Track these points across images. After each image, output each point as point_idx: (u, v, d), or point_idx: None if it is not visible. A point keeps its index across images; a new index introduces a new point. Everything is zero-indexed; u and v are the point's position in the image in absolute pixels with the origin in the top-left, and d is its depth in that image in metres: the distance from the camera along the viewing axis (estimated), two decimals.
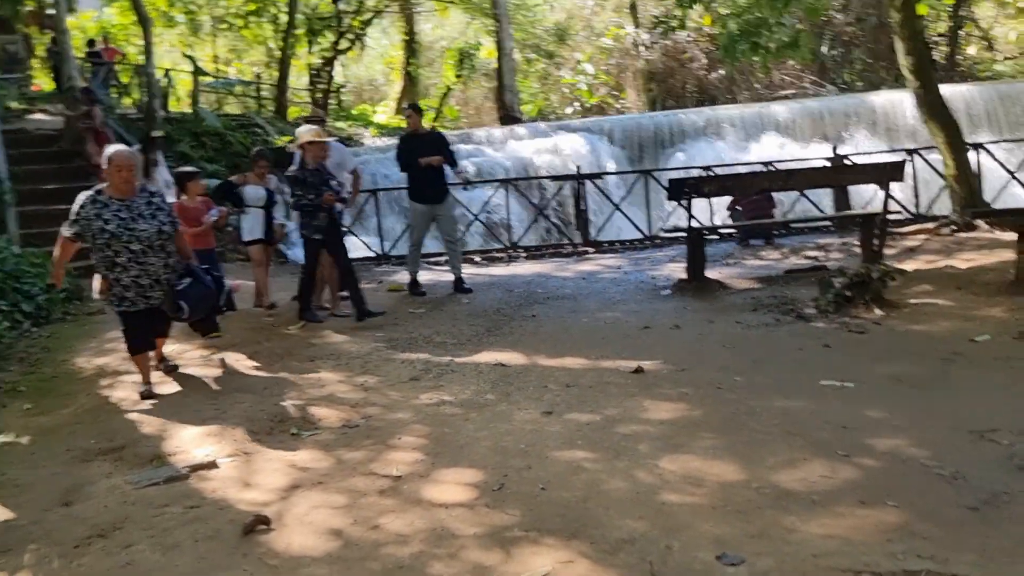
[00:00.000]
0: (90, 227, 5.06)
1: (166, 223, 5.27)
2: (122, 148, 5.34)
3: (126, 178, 5.14)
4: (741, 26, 10.62)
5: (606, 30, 25.67)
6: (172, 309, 5.34)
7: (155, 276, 5.24)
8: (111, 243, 5.07)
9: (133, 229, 5.10)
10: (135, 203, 5.18)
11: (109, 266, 5.15)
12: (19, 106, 15.90)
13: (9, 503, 3.81)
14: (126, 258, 5.12)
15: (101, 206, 5.10)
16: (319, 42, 24.31)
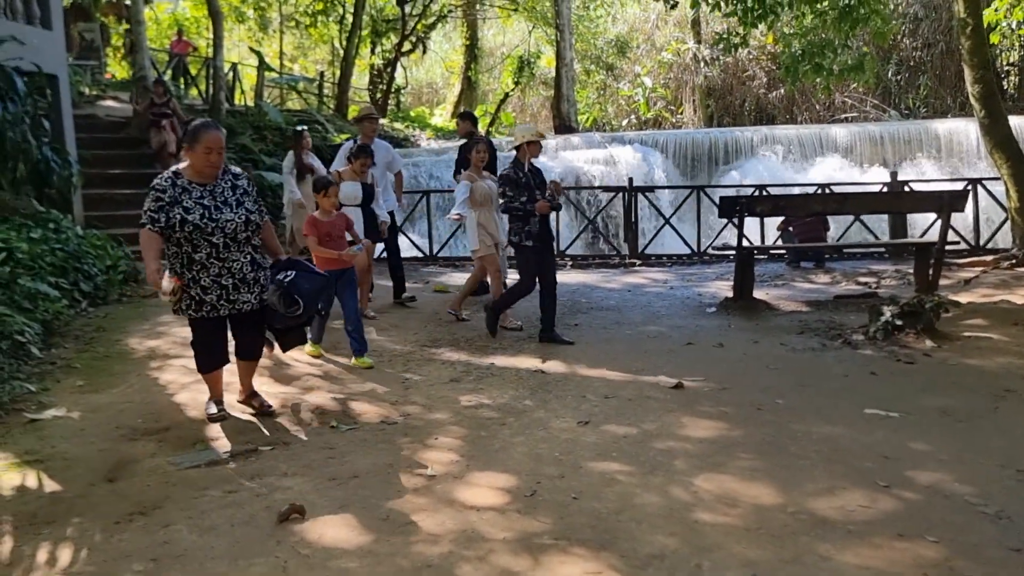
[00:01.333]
0: (168, 216, 4.24)
1: (254, 211, 4.46)
2: (211, 123, 4.47)
3: (215, 162, 4.34)
4: (804, 47, 10.50)
5: (667, 45, 25.55)
6: (285, 304, 4.48)
7: (240, 275, 4.41)
8: (191, 235, 4.25)
9: (217, 219, 4.29)
10: (218, 188, 4.38)
11: (185, 263, 4.32)
12: (92, 92, 16.41)
13: (57, 476, 3.93)
14: (205, 253, 4.30)
15: (181, 191, 4.30)
16: (383, 43, 24.67)
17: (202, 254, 4.31)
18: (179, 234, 4.26)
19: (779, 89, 22.55)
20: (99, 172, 11.53)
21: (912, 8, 21.60)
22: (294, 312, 4.49)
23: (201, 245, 4.30)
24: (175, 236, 4.27)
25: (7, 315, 5.81)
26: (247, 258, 4.46)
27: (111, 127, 13.89)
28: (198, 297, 4.36)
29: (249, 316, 4.53)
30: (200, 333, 4.53)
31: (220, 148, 4.33)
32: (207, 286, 4.35)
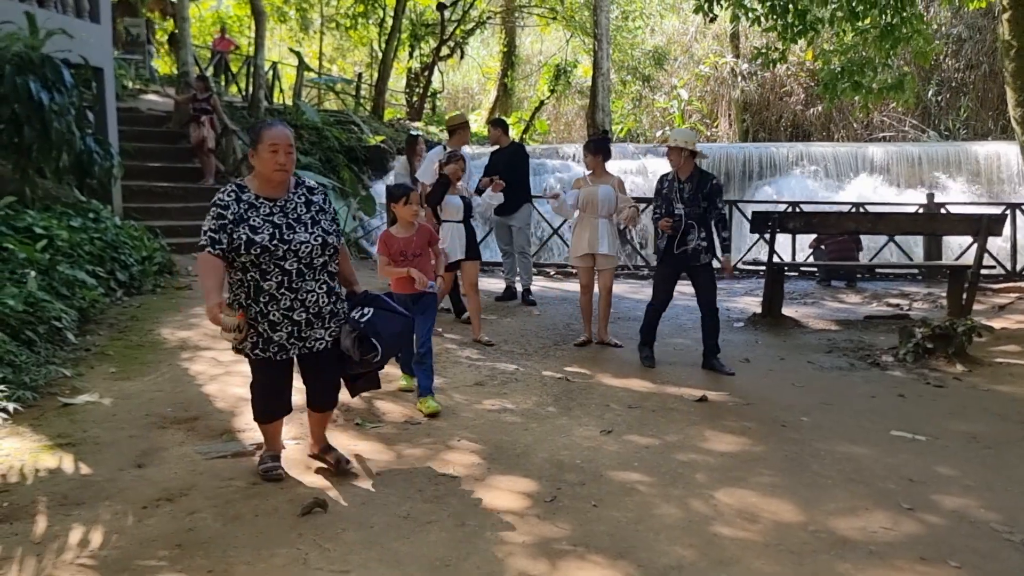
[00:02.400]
0: (232, 236, 3.49)
1: (331, 232, 3.68)
2: (275, 120, 3.73)
3: (283, 163, 3.54)
4: (844, 64, 10.42)
5: (705, 58, 25.48)
6: (362, 350, 3.73)
7: (314, 309, 3.63)
8: (259, 260, 3.50)
9: (289, 240, 3.53)
10: (290, 204, 3.62)
11: (251, 293, 3.55)
12: (135, 86, 16.71)
13: (88, 459, 4.01)
14: (276, 282, 3.54)
15: (246, 207, 3.54)
16: (421, 47, 24.85)
17: (271, 283, 3.53)
18: (244, 258, 3.50)
19: (817, 106, 22.39)
20: (139, 164, 11.74)
21: (955, 29, 21.34)
22: (372, 359, 3.76)
23: (271, 272, 3.52)
24: (240, 261, 3.52)
25: (46, 301, 5.94)
26: (323, 288, 3.65)
27: (152, 121, 14.14)
28: (265, 334, 3.59)
29: (324, 357, 3.77)
30: (263, 376, 3.77)
31: (288, 146, 3.54)
32: (276, 321, 3.58)
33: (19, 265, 6.31)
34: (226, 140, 13.29)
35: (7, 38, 7.71)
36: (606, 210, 6.59)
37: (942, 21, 21.21)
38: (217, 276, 3.47)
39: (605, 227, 6.63)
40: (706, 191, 6.10)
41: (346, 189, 14.38)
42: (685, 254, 6.13)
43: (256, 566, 3.00)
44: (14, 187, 7.96)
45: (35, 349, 5.44)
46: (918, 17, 9.73)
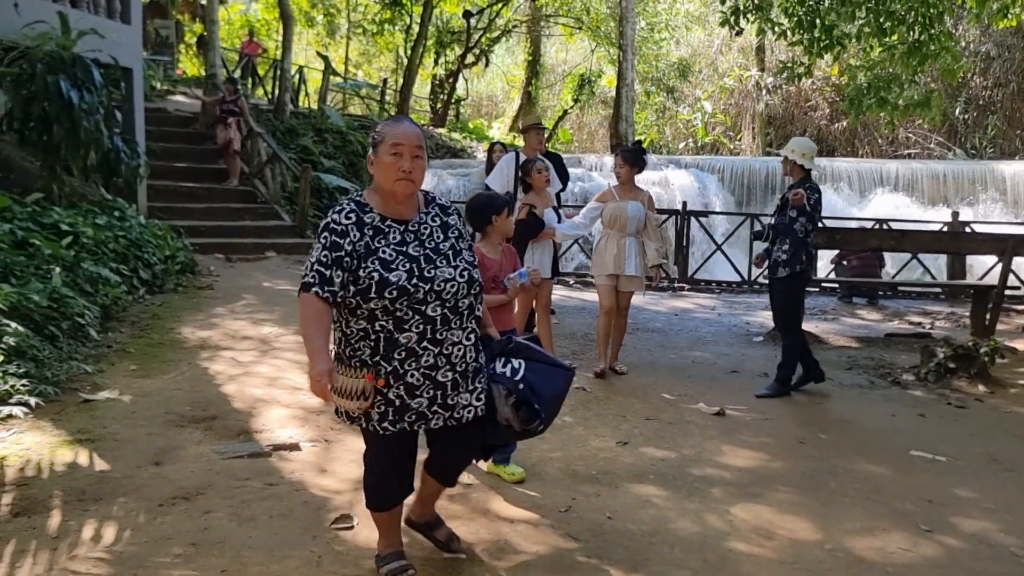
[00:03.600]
0: (356, 275, 2.62)
1: (475, 264, 2.82)
2: (401, 117, 3.01)
3: (407, 170, 2.66)
4: (870, 80, 10.37)
5: (730, 71, 25.42)
6: (524, 419, 2.88)
7: (461, 366, 2.76)
8: (395, 306, 2.62)
9: (432, 278, 2.66)
10: (424, 226, 2.77)
11: (383, 348, 2.66)
12: (163, 87, 16.91)
13: (106, 456, 4.04)
14: (416, 333, 2.66)
15: (372, 233, 2.68)
16: (446, 54, 24.97)
17: (411, 334, 2.64)
18: (375, 303, 2.60)
19: (841, 121, 22.27)
20: (165, 164, 11.87)
21: (984, 46, 21.17)
22: (535, 428, 2.89)
23: (409, 320, 2.64)
24: (366, 307, 2.62)
25: (70, 297, 6.00)
26: (471, 339, 2.78)
27: (179, 122, 14.30)
28: (399, 400, 2.69)
29: (470, 428, 2.86)
30: (385, 453, 2.85)
31: (416, 148, 2.68)
32: (416, 384, 2.68)
33: (44, 261, 6.39)
34: (252, 142, 13.41)
35: (39, 37, 7.83)
36: (635, 228, 6.17)
37: (971, 39, 21.04)
38: (325, 329, 2.61)
39: (633, 246, 6.17)
40: (785, 200, 5.88)
41: None
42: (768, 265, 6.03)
43: (269, 567, 3.01)
44: (42, 184, 8.07)
45: (58, 344, 5.49)
46: (946, 34, 9.67)
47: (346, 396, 2.63)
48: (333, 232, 2.63)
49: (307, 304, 2.61)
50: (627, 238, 6.16)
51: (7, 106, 7.88)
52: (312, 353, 2.58)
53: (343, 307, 2.67)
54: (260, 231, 11.78)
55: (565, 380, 3.06)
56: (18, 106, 7.66)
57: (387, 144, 2.67)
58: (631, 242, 6.17)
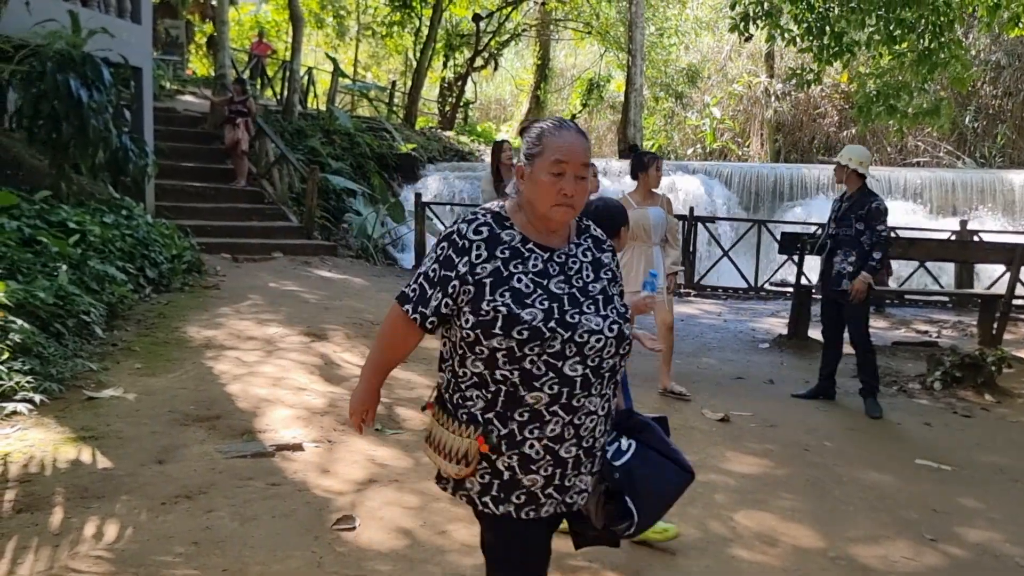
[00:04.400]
0: (477, 302, 2.04)
1: (626, 314, 2.17)
2: (565, 122, 2.16)
3: (570, 194, 2.08)
4: (880, 87, 10.34)
5: (739, 77, 25.40)
6: (612, 513, 2.20)
7: (588, 441, 2.13)
8: (522, 347, 2.02)
9: (576, 325, 2.05)
10: (573, 260, 2.16)
11: (502, 403, 2.06)
12: (172, 86, 16.97)
13: (110, 453, 4.05)
14: (549, 394, 2.04)
15: (509, 254, 2.10)
16: (455, 57, 25.01)
17: (541, 395, 2.02)
18: (498, 342, 2.00)
19: (850, 128, 22.21)
20: (173, 164, 11.90)
21: (995, 55, 21.11)
22: (621, 530, 2.19)
23: (542, 378, 2.02)
24: (486, 345, 2.02)
25: (76, 295, 6.01)
26: (605, 408, 2.14)
27: (188, 121, 14.35)
28: (508, 475, 2.08)
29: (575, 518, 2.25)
30: (509, 540, 2.18)
31: (581, 167, 2.07)
32: (534, 457, 2.06)
33: (51, 258, 6.40)
34: (259, 143, 13.44)
35: (50, 36, 7.86)
36: (659, 236, 5.74)
37: (981, 47, 20.99)
38: (396, 355, 2.21)
39: (660, 256, 5.72)
40: (862, 212, 5.61)
41: (376, 195, 14.47)
42: (829, 277, 5.80)
43: (271, 567, 3.01)
44: (50, 182, 8.09)
45: (63, 342, 5.50)
46: (956, 42, 9.64)
47: (443, 455, 2.10)
48: (452, 246, 2.07)
49: (390, 318, 2.15)
50: (654, 248, 5.72)
51: (17, 104, 7.91)
52: (363, 376, 2.23)
53: (459, 341, 2.06)
54: (267, 231, 11.80)
55: (679, 483, 2.23)
56: (28, 104, 7.69)
57: (547, 159, 2.06)
58: (658, 252, 5.74)
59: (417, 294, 2.09)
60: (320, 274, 10.07)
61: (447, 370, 2.15)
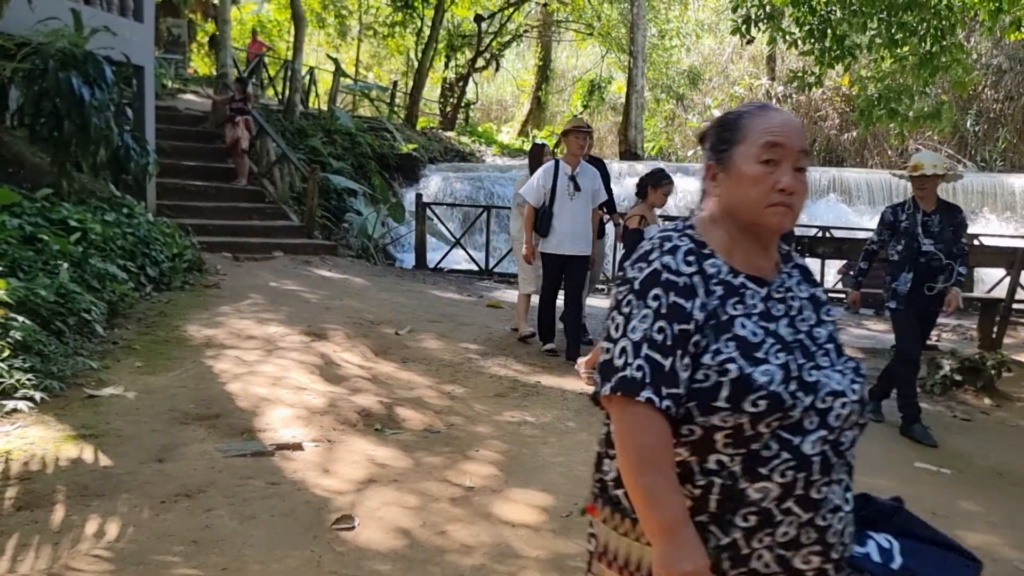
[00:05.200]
0: (700, 361, 1.44)
1: (859, 368, 1.60)
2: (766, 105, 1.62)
3: (792, 196, 1.53)
4: (881, 90, 10.35)
5: (740, 79, 25.42)
6: None
7: (838, 551, 1.49)
8: (756, 423, 1.41)
9: (814, 385, 1.47)
10: (791, 296, 1.59)
11: (719, 502, 1.45)
12: (174, 85, 16.98)
13: (110, 452, 4.05)
14: (780, 482, 1.42)
15: (723, 292, 1.51)
16: (457, 58, 25.04)
17: (769, 485, 1.43)
18: (721, 419, 1.43)
19: (851, 131, 22.24)
20: (174, 163, 11.91)
21: (996, 59, 21.14)
22: None
23: (772, 460, 1.44)
24: (699, 424, 1.45)
25: (76, 293, 6.02)
26: (847, 497, 1.57)
27: (189, 120, 14.35)
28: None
29: None
30: None
31: (799, 153, 1.56)
32: (763, 573, 1.46)
33: (52, 256, 6.41)
34: (260, 142, 13.45)
35: (52, 34, 7.87)
36: None
37: (982, 51, 21.01)
38: (667, 462, 1.45)
39: None
40: (955, 224, 5.28)
41: (376, 195, 14.48)
42: (932, 295, 5.24)
43: (270, 566, 3.01)
44: (51, 180, 8.10)
45: (64, 340, 5.51)
46: (958, 46, 9.65)
47: (629, 574, 1.53)
48: (671, 287, 1.46)
49: (638, 426, 1.43)
50: None
51: (19, 101, 7.92)
52: (664, 526, 1.42)
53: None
54: (268, 231, 11.80)
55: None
56: (30, 102, 7.69)
57: (755, 143, 1.53)
58: None
59: (652, 373, 1.42)
60: (320, 274, 10.07)
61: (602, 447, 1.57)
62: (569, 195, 6.46)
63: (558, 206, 6.43)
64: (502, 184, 15.69)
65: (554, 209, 6.44)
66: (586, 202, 6.52)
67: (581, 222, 6.50)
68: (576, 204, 6.47)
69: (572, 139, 6.58)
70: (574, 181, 6.48)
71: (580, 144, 6.58)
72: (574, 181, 6.48)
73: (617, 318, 1.50)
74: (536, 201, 6.52)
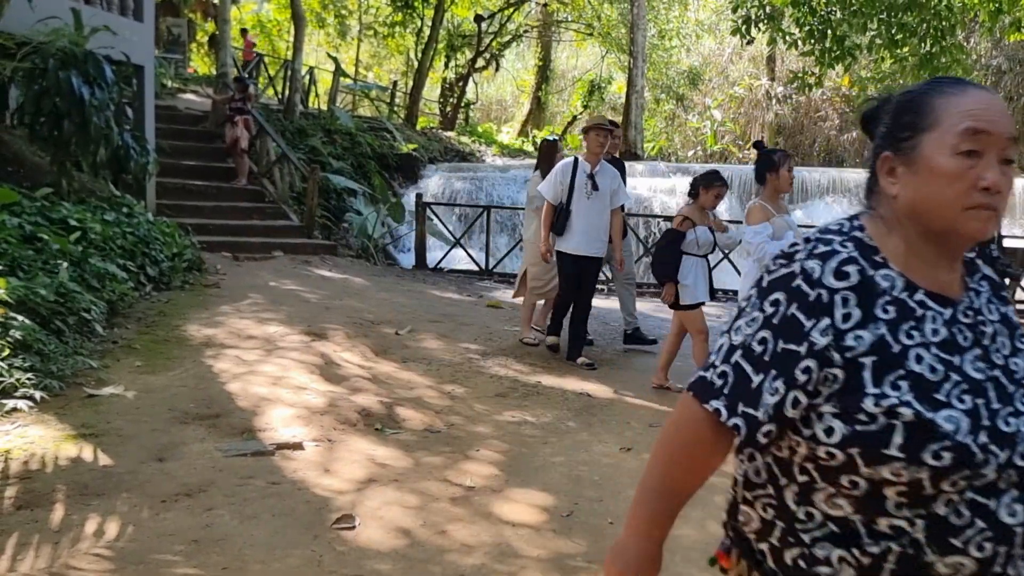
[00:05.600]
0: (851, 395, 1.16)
1: None
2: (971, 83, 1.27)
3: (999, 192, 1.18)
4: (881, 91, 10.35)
5: (740, 80, 25.44)
6: None
7: None
8: (942, 482, 1.12)
9: (1013, 437, 1.15)
10: (981, 318, 1.25)
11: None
12: (174, 84, 16.98)
13: (110, 451, 4.05)
14: (977, 555, 1.13)
15: (896, 313, 1.19)
16: (457, 58, 25.05)
17: (964, 558, 1.15)
18: (892, 471, 1.13)
19: (851, 132, 22.25)
20: (174, 162, 11.91)
21: (995, 60, 21.15)
22: None
23: (963, 528, 1.14)
24: (866, 474, 1.16)
25: (76, 292, 6.01)
26: None
27: (189, 120, 14.35)
28: None
29: None
30: None
31: (1007, 142, 1.20)
32: None
33: (52, 256, 6.40)
34: (260, 142, 13.45)
35: (53, 33, 7.86)
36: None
37: (982, 52, 21.03)
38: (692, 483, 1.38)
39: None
40: None
41: (376, 195, 14.48)
42: None
43: (270, 565, 3.01)
44: (51, 179, 8.10)
45: (64, 339, 5.50)
46: (958, 47, 9.67)
47: None
48: (797, 298, 1.21)
49: (683, 423, 1.31)
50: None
51: (19, 100, 7.91)
52: (633, 526, 1.39)
53: (799, 460, 1.25)
54: (268, 231, 11.80)
55: None
56: (30, 101, 7.69)
57: (952, 129, 1.22)
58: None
59: (733, 385, 1.23)
60: (320, 273, 10.07)
61: (764, 503, 1.31)
62: (587, 194, 6.27)
63: (575, 204, 6.28)
64: (502, 184, 15.69)
65: (571, 207, 6.28)
66: (604, 202, 6.34)
67: (596, 223, 6.32)
68: (593, 204, 6.29)
69: (592, 136, 6.38)
70: (592, 180, 6.30)
71: (600, 142, 6.37)
72: (592, 180, 6.30)
73: (737, 312, 1.29)
74: (554, 198, 6.35)
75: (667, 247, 5.77)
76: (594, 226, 6.31)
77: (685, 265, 5.69)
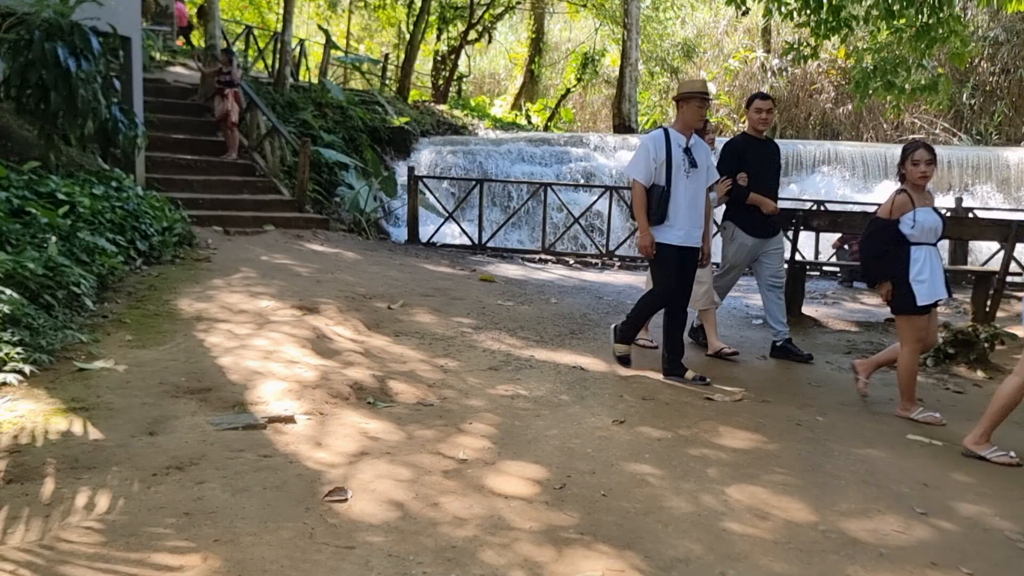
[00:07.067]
0: None
1: None
2: None
3: None
4: (877, 63, 10.28)
5: (735, 52, 25.25)
6: None
7: None
8: None
9: None
10: None
11: None
12: (162, 57, 16.77)
13: (100, 425, 4.02)
14: None
15: None
16: (449, 30, 24.80)
17: None
18: None
19: (847, 105, 22.16)
20: (163, 136, 11.80)
21: (993, 31, 21.03)
22: None
23: None
24: None
25: (65, 266, 5.96)
26: None
27: (178, 93, 14.20)
28: None
29: None
30: None
31: None
32: None
33: (41, 230, 6.35)
34: (251, 115, 13.32)
35: (37, 3, 7.73)
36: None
37: (980, 23, 20.90)
38: None
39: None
40: None
41: (368, 169, 14.38)
42: None
43: (262, 537, 3.00)
44: (39, 152, 8.01)
45: (53, 313, 5.46)
46: (955, 18, 9.58)
47: None
48: None
49: None
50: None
51: (4, 73, 7.80)
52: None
53: None
54: (259, 204, 11.72)
55: None
56: (15, 73, 7.58)
57: None
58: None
59: None
60: (312, 247, 10.02)
61: None
62: (685, 172, 5.36)
63: (674, 186, 5.33)
64: (495, 158, 15.60)
65: (671, 189, 5.33)
66: (702, 182, 5.49)
67: (698, 207, 5.44)
68: (692, 184, 5.39)
69: (692, 107, 5.41)
70: (689, 155, 5.39)
71: (701, 114, 5.49)
72: (689, 155, 5.39)
73: None
74: (647, 179, 5.38)
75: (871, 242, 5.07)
76: (696, 209, 5.44)
77: (916, 254, 5.01)
